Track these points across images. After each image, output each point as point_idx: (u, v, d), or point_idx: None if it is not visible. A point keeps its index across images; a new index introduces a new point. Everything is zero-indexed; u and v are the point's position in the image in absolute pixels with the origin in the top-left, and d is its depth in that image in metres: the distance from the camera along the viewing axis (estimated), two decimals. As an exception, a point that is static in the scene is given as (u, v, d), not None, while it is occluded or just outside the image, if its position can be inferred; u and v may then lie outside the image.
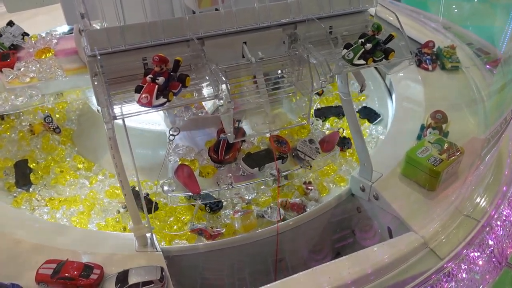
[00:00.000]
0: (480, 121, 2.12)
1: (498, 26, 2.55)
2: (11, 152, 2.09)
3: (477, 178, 1.83)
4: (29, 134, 2.16)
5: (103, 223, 1.82)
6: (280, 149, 1.82)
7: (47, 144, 2.14)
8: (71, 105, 2.40)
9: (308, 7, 1.45)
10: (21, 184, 1.93)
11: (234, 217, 1.79)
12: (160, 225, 1.77)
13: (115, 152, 1.35)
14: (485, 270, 1.59)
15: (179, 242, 1.74)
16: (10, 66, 1.89)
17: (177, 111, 1.81)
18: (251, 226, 1.76)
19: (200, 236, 1.74)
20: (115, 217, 1.84)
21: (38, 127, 2.17)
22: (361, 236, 1.91)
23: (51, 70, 1.88)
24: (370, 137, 2.27)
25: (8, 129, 2.19)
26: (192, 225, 1.76)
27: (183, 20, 1.31)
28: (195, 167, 1.80)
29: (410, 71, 2.42)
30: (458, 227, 1.64)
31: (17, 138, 2.15)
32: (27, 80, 1.86)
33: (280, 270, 1.76)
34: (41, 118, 2.17)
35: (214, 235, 1.71)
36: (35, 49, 2.00)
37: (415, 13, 3.15)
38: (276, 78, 1.47)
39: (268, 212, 1.81)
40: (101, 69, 1.22)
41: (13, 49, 2.02)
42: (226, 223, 1.82)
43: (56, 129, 2.18)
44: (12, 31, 2.09)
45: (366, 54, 1.39)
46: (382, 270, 1.47)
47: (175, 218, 1.82)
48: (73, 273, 1.33)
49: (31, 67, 1.89)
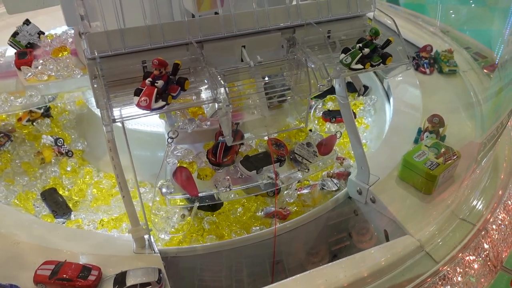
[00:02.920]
0: (477, 125, 2.14)
1: (496, 30, 2.57)
2: (26, 185, 2.03)
3: (473, 182, 1.84)
4: (38, 162, 2.09)
5: (169, 236, 1.86)
6: (278, 152, 1.83)
7: (64, 169, 2.11)
8: (68, 107, 2.41)
9: (306, 11, 1.46)
10: (61, 213, 1.87)
11: (302, 193, 1.93)
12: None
13: (114, 154, 1.36)
14: (480, 273, 1.60)
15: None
16: (28, 64, 1.91)
17: (181, 123, 1.81)
18: (319, 198, 1.88)
19: (273, 218, 1.86)
20: (183, 222, 1.89)
21: (48, 153, 2.12)
22: (357, 239, 1.92)
23: (68, 69, 1.90)
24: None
25: (8, 163, 2.10)
26: (265, 209, 1.89)
27: (182, 24, 1.33)
28: (193, 170, 1.81)
29: (408, 75, 2.44)
30: (454, 230, 1.65)
31: (22, 170, 2.08)
32: (45, 78, 1.87)
33: (277, 272, 1.77)
34: (50, 143, 2.13)
35: (286, 215, 1.83)
36: (51, 47, 2.02)
37: (414, 16, 3.17)
38: (274, 81, 1.48)
39: (328, 183, 2.00)
40: (100, 72, 1.23)
41: (30, 47, 2.04)
42: (290, 202, 1.95)
43: (69, 152, 2.16)
44: (28, 29, 2.11)
45: (363, 58, 1.41)
46: (378, 273, 1.48)
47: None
48: (71, 274, 1.34)
49: (48, 66, 1.90)
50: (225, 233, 1.89)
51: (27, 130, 2.23)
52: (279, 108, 2.02)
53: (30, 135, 2.23)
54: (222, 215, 1.98)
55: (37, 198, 1.97)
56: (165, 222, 1.92)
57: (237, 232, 1.87)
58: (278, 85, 1.45)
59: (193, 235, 1.89)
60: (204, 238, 1.88)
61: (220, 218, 1.96)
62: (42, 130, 2.23)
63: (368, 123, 2.49)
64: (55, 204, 1.90)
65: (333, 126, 2.44)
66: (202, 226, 1.92)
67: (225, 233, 1.89)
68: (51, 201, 1.92)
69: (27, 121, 2.22)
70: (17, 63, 1.93)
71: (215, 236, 1.87)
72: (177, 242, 1.85)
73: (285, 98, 1.62)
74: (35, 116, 2.23)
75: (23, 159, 2.12)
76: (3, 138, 2.11)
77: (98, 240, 1.59)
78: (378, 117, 2.49)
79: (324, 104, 2.57)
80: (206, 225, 1.92)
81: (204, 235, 1.90)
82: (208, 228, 1.92)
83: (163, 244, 1.84)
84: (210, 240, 1.85)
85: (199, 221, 1.94)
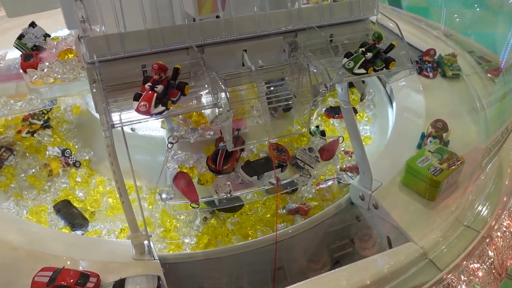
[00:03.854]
0: (480, 130, 2.12)
1: (500, 34, 2.55)
2: (37, 199, 1.99)
3: (478, 188, 1.82)
4: (46, 174, 2.05)
5: (194, 239, 1.86)
6: (279, 158, 1.81)
7: (74, 180, 2.08)
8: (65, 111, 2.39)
9: (309, 15, 1.44)
10: (78, 225, 1.84)
11: (321, 188, 2.00)
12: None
13: (113, 159, 1.34)
14: (485, 281, 1.57)
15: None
16: (33, 67, 1.90)
17: (183, 133, 1.80)
18: (338, 192, 1.97)
19: (296, 215, 1.92)
20: (208, 225, 1.90)
21: (56, 164, 2.08)
22: (360, 245, 1.90)
23: (74, 71, 1.88)
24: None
25: (12, 178, 2.06)
26: (288, 206, 1.93)
27: (182, 28, 1.31)
28: (193, 175, 1.79)
29: (410, 79, 2.41)
30: (458, 237, 1.62)
31: (27, 184, 2.04)
32: (51, 81, 1.86)
33: (279, 279, 1.75)
34: (57, 154, 2.09)
35: (307, 210, 1.90)
36: (57, 50, 2.01)
37: (416, 20, 3.16)
38: (276, 86, 1.46)
39: (343, 177, 2.06)
40: (100, 76, 1.21)
41: (36, 50, 2.03)
42: (308, 197, 2.01)
43: (76, 162, 2.14)
44: (34, 32, 2.10)
45: (366, 63, 1.38)
46: (381, 281, 1.46)
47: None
48: (69, 281, 1.32)
49: (54, 68, 1.89)
50: (250, 233, 1.89)
51: (29, 142, 2.18)
52: (283, 117, 2.01)
53: (32, 148, 2.18)
54: (244, 215, 1.98)
55: (50, 211, 1.93)
56: (188, 226, 1.92)
57: (262, 230, 1.88)
58: (282, 92, 1.43)
59: (218, 237, 1.89)
60: (230, 239, 1.88)
61: (243, 218, 1.97)
62: (44, 141, 2.19)
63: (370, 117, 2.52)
64: (70, 216, 1.86)
65: (337, 122, 2.46)
66: (227, 227, 1.92)
67: (250, 233, 1.89)
68: (66, 213, 1.88)
69: (27, 133, 2.18)
70: (23, 66, 1.92)
71: (241, 236, 1.88)
72: (203, 245, 1.84)
73: (290, 106, 1.60)
74: (35, 127, 2.19)
75: (27, 173, 2.07)
76: (6, 153, 2.06)
77: (97, 246, 1.57)
78: (380, 112, 2.50)
79: (324, 101, 2.56)
80: (230, 226, 1.92)
81: (229, 236, 1.90)
82: (232, 229, 1.91)
83: (190, 248, 1.84)
84: (237, 240, 1.85)
85: (222, 223, 1.95)
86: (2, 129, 2.19)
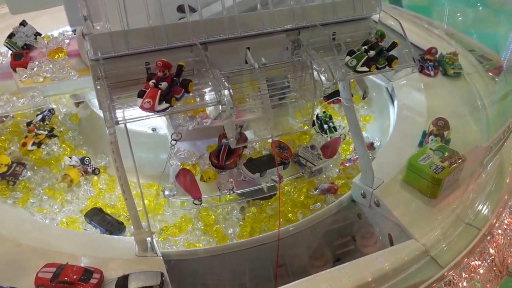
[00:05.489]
0: (482, 128, 2.12)
1: (502, 32, 2.55)
2: (63, 211, 1.94)
3: (479, 186, 1.82)
4: (66, 184, 2.00)
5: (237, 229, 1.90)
6: (281, 155, 1.82)
7: (98, 187, 2.06)
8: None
9: (312, 13, 1.45)
10: (116, 231, 1.81)
11: (346, 166, 2.12)
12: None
13: (116, 156, 1.35)
14: (486, 279, 1.58)
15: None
16: (23, 66, 1.88)
17: (181, 121, 1.79)
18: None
19: (328, 194, 2.02)
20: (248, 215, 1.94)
21: (75, 174, 2.03)
22: (361, 243, 1.91)
23: (64, 70, 1.87)
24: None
25: (29, 192, 1.97)
26: (320, 186, 2.01)
27: (186, 25, 1.31)
28: (196, 172, 1.80)
29: (412, 77, 2.41)
30: (460, 235, 1.63)
31: (46, 198, 1.97)
32: (41, 80, 1.84)
33: (281, 276, 1.75)
34: (75, 163, 2.05)
35: (337, 188, 2.01)
36: (48, 49, 1.99)
37: (417, 18, 3.15)
38: (278, 84, 1.47)
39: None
40: (104, 73, 1.22)
41: (26, 48, 2.01)
42: (334, 176, 2.10)
43: (95, 170, 2.10)
44: (25, 30, 2.08)
45: (369, 61, 1.39)
46: (383, 278, 1.46)
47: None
48: (73, 277, 1.33)
49: (44, 67, 1.88)
50: (291, 216, 1.97)
51: (36, 155, 2.13)
52: (279, 107, 2.00)
53: (41, 161, 2.13)
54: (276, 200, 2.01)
55: (80, 221, 1.90)
56: (229, 218, 1.95)
57: (302, 212, 1.97)
58: (278, 84, 1.44)
59: (262, 223, 1.93)
60: (273, 223, 1.93)
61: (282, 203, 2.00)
62: (53, 152, 2.16)
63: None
64: (106, 223, 1.83)
65: (337, 106, 2.52)
66: (267, 213, 1.96)
67: (291, 216, 1.97)
68: (99, 221, 1.84)
69: (33, 145, 2.13)
70: (13, 65, 1.89)
71: (284, 220, 1.94)
72: (248, 234, 1.88)
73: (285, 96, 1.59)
74: (41, 138, 2.14)
75: (42, 186, 2.02)
76: (19, 167, 1.98)
77: (100, 243, 1.58)
78: (381, 110, 2.52)
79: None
80: (269, 211, 1.97)
81: (271, 220, 1.95)
82: (273, 214, 1.97)
83: (237, 236, 1.88)
84: (284, 224, 1.89)
85: (261, 210, 1.99)
86: (6, 144, 2.15)
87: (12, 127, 2.26)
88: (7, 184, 1.94)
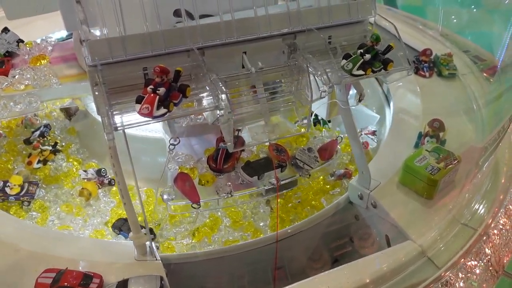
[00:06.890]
0: (477, 129, 2.14)
1: (496, 33, 2.57)
2: (86, 226, 1.91)
3: (474, 187, 1.84)
4: (85, 198, 1.97)
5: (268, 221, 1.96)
6: (279, 158, 1.83)
7: (117, 198, 2.00)
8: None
9: (307, 17, 1.46)
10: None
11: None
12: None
13: (115, 161, 1.35)
14: (482, 279, 1.60)
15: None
16: (4, 74, 1.84)
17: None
18: (369, 155, 2.20)
19: (344, 179, 2.11)
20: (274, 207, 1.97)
21: (93, 187, 2.00)
22: (359, 244, 1.92)
23: (46, 78, 1.83)
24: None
25: (46, 212, 1.93)
26: (336, 172, 2.10)
27: (183, 30, 1.32)
28: (194, 175, 1.80)
29: (407, 79, 2.40)
30: (456, 235, 1.65)
31: (64, 215, 1.93)
32: (22, 88, 1.80)
33: (280, 279, 1.76)
34: (91, 176, 2.01)
35: (351, 174, 2.11)
36: (30, 56, 1.95)
37: (412, 20, 3.17)
38: (275, 87, 1.48)
39: (369, 140, 2.28)
40: (101, 79, 1.22)
41: (8, 56, 1.97)
42: (346, 162, 2.21)
43: (111, 181, 2.06)
44: (7, 38, 2.04)
45: (365, 64, 1.40)
46: (381, 280, 1.47)
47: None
48: (73, 283, 1.33)
49: (25, 75, 1.83)
50: (314, 203, 2.04)
51: (44, 173, 2.09)
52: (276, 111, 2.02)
53: (49, 178, 2.09)
54: (299, 189, 2.07)
55: (106, 233, 1.88)
56: (256, 212, 1.99)
57: (325, 198, 2.07)
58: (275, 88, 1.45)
59: (290, 213, 1.99)
60: (300, 211, 2.01)
61: (303, 192, 2.08)
62: (62, 167, 2.13)
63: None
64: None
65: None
66: (293, 203, 2.03)
67: (315, 203, 2.04)
68: (129, 230, 1.79)
69: (38, 162, 2.09)
70: None
71: (310, 208, 2.02)
72: (281, 226, 1.91)
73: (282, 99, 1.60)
74: (46, 154, 2.11)
75: (58, 203, 1.99)
76: (32, 187, 1.93)
77: (99, 247, 1.58)
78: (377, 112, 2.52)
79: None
80: (295, 201, 2.03)
81: (299, 209, 2.01)
82: (299, 203, 2.03)
83: (269, 228, 1.94)
84: (310, 212, 1.98)
85: (286, 201, 2.05)
86: (9, 165, 2.11)
87: (8, 146, 2.22)
88: (21, 205, 1.91)
